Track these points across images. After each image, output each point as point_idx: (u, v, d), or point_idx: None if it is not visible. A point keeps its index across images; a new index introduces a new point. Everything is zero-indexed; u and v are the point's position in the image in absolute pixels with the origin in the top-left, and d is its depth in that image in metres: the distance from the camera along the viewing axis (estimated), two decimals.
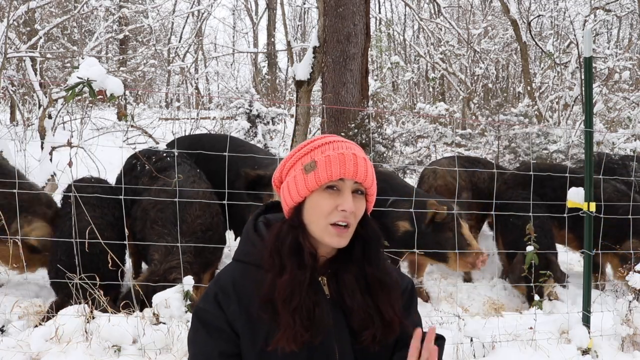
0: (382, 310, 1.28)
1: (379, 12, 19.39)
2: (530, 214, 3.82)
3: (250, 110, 7.87)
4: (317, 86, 7.77)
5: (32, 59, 7.54)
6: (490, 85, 14.26)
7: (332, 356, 1.26)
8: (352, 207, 1.24)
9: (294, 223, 1.28)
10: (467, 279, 4.69)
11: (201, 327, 1.29)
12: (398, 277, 1.41)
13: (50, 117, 6.09)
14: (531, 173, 4.10)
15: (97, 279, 3.04)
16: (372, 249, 1.31)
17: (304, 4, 21.87)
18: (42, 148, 5.79)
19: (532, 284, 3.68)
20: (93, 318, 2.90)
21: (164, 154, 4.02)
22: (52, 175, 5.65)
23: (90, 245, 3.19)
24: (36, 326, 2.99)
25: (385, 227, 4.01)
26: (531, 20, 11.14)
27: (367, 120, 6.47)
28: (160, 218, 3.47)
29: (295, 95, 7.29)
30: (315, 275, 1.28)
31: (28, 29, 9.46)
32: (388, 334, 1.28)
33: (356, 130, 6.46)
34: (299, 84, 6.98)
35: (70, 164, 3.05)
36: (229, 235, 4.24)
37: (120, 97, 3.25)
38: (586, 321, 3.25)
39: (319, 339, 1.23)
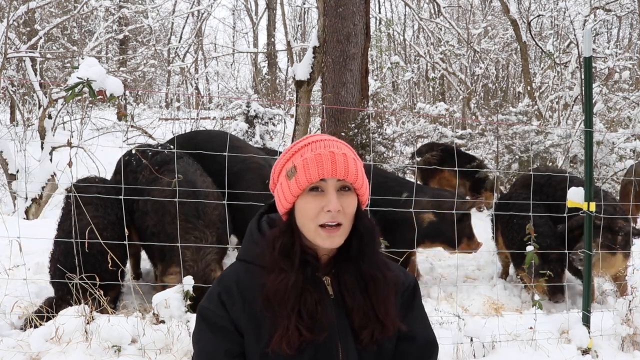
0: (375, 308, 1.28)
1: (379, 12, 19.38)
2: (530, 214, 3.84)
3: (248, 111, 7.86)
4: (317, 86, 7.77)
5: (32, 59, 7.54)
6: (490, 85, 14.26)
7: (335, 354, 1.26)
8: (337, 206, 1.22)
9: (285, 228, 1.28)
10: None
11: (205, 326, 1.30)
12: (400, 274, 1.40)
13: (50, 117, 6.09)
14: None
15: (97, 279, 3.04)
16: (366, 244, 1.30)
17: (304, 4, 21.89)
18: (42, 148, 5.79)
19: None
20: (93, 319, 2.89)
21: (160, 147, 4.00)
22: (52, 176, 5.65)
23: (91, 245, 3.18)
24: (28, 328, 2.97)
25: (405, 219, 3.99)
26: (531, 20, 11.13)
27: (367, 120, 6.47)
28: (181, 212, 3.39)
29: (295, 95, 7.29)
30: (318, 274, 1.29)
31: (28, 29, 9.47)
32: (384, 332, 1.28)
33: (356, 130, 6.46)
34: (299, 84, 6.98)
35: (70, 164, 3.04)
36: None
37: (120, 97, 3.24)
38: (586, 321, 3.24)
39: (322, 336, 1.23)
